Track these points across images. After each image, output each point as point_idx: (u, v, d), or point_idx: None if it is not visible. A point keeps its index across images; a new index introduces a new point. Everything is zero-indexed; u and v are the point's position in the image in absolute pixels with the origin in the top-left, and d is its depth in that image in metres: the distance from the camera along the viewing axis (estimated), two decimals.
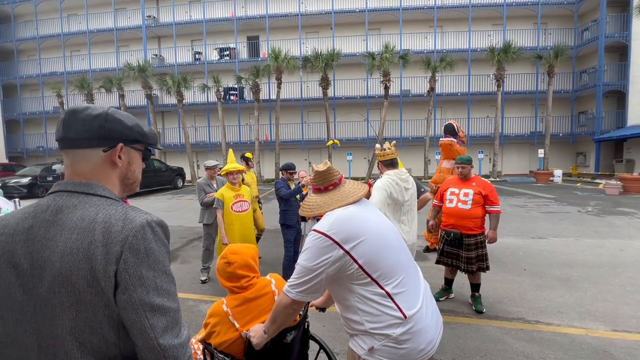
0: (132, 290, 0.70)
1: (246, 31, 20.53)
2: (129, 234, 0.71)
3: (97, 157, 0.80)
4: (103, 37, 20.93)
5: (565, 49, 16.39)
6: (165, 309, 0.74)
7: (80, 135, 0.78)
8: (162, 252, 0.76)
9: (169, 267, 0.78)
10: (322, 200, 1.40)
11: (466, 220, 3.22)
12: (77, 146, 0.79)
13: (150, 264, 0.73)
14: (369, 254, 1.23)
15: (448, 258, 3.37)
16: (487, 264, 3.28)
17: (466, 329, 2.95)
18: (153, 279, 0.73)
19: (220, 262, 1.61)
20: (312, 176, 1.45)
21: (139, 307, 0.70)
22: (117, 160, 0.82)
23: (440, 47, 19.01)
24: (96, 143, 0.79)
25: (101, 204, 0.76)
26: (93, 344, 0.72)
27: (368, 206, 1.41)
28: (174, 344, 0.74)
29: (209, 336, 1.58)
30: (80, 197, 0.76)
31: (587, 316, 3.14)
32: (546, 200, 10.45)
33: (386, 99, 16.81)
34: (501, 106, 17.35)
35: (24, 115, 21.90)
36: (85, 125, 0.78)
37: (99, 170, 0.81)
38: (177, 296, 0.79)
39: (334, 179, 1.43)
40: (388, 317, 1.20)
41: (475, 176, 3.41)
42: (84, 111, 0.79)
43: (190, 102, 19.99)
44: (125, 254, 0.70)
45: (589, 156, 18.14)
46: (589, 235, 6.13)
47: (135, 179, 0.90)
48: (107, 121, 0.79)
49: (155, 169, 15.40)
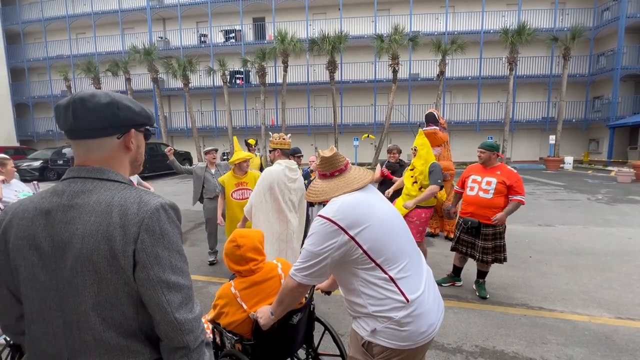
0: (150, 269, 0.75)
1: (252, 12, 20.08)
2: (144, 216, 0.75)
3: (112, 144, 0.82)
4: (108, 19, 20.71)
5: (583, 30, 15.72)
6: (180, 286, 0.79)
7: (94, 126, 0.79)
8: (175, 233, 0.80)
9: (181, 247, 0.82)
10: (328, 186, 1.41)
11: (486, 209, 3.12)
12: (92, 136, 0.80)
13: (165, 244, 0.77)
14: (373, 239, 1.24)
15: (463, 246, 3.32)
16: (504, 255, 3.21)
17: (469, 314, 2.99)
18: (168, 258, 0.77)
19: (229, 246, 1.64)
20: (318, 162, 1.46)
21: (157, 284, 0.75)
22: (131, 145, 0.86)
23: (452, 29, 18.38)
24: (111, 132, 0.81)
25: (115, 189, 0.79)
26: (114, 319, 0.76)
27: (373, 192, 1.42)
28: (189, 318, 0.79)
29: (218, 316, 1.63)
30: (95, 182, 0.79)
31: (591, 303, 3.15)
32: (555, 187, 10.31)
33: (394, 83, 16.47)
34: (513, 90, 16.89)
35: (33, 99, 22.07)
36: (99, 114, 0.78)
37: (114, 156, 0.83)
38: (190, 275, 0.84)
39: (340, 165, 1.43)
40: (391, 300, 1.23)
41: (501, 164, 3.24)
42: (91, 99, 0.78)
43: (196, 86, 19.87)
44: (142, 235, 0.74)
45: (602, 143, 17.69)
46: (597, 223, 6.06)
47: (142, 160, 0.94)
48: (120, 109, 0.80)
49: (163, 154, 15.51)
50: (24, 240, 0.77)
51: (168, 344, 0.79)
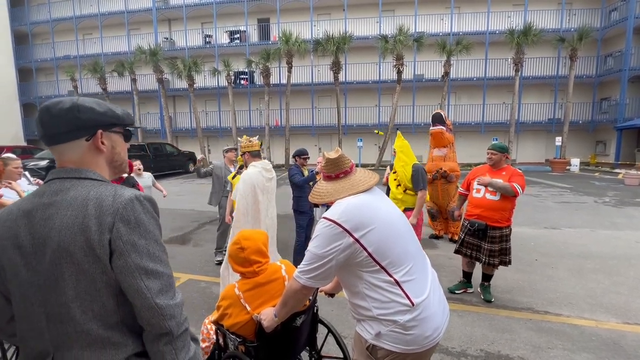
0: (127, 256, 0.76)
1: (257, 13, 20.15)
2: (119, 206, 0.77)
3: (82, 146, 0.85)
4: (114, 20, 20.90)
5: (590, 30, 15.55)
6: (159, 273, 0.79)
7: (59, 130, 0.82)
8: (151, 223, 0.82)
9: (159, 237, 0.83)
10: (333, 188, 1.40)
11: (493, 211, 3.09)
12: (61, 141, 0.83)
13: (141, 232, 0.79)
14: (378, 242, 1.23)
15: (468, 249, 3.27)
16: (509, 257, 3.17)
17: (474, 317, 2.96)
18: (145, 246, 0.79)
19: (233, 248, 1.64)
20: (324, 163, 1.45)
21: (134, 270, 0.76)
22: (101, 146, 0.87)
23: (457, 30, 18.28)
24: (77, 134, 0.84)
25: (92, 185, 0.82)
26: (94, 311, 0.78)
27: (378, 195, 1.41)
28: (169, 303, 0.79)
29: (222, 318, 1.63)
30: (72, 181, 0.82)
31: (598, 308, 3.11)
32: (561, 189, 10.21)
33: (399, 84, 16.42)
34: (518, 92, 16.75)
35: (40, 99, 22.31)
36: (61, 120, 0.81)
37: (87, 157, 0.86)
38: (169, 264, 0.85)
39: (345, 166, 1.42)
40: (396, 304, 1.22)
41: (507, 166, 3.21)
42: (55, 106, 0.82)
43: (201, 86, 19.96)
44: (117, 224, 0.76)
45: (609, 145, 17.48)
46: (604, 226, 5.99)
47: (122, 160, 0.95)
48: (80, 112, 0.83)
49: (168, 154, 15.62)
50: (7, 240, 0.79)
51: (151, 331, 0.79)
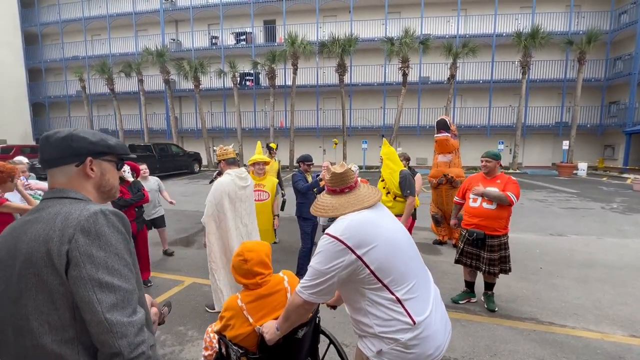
0: (82, 267, 0.76)
1: (263, 15, 20.24)
2: (81, 218, 0.80)
3: (71, 171, 0.92)
4: (122, 21, 21.15)
5: (599, 33, 15.38)
6: (115, 287, 0.78)
7: (53, 156, 0.91)
8: (115, 236, 0.82)
9: (123, 251, 0.83)
10: (337, 202, 1.40)
11: (491, 220, 3.09)
12: (53, 165, 0.92)
13: (101, 245, 0.79)
14: (380, 259, 1.23)
15: (468, 258, 3.26)
16: (509, 265, 3.16)
17: (477, 327, 2.94)
18: (104, 259, 0.78)
19: (236, 260, 1.65)
20: (329, 177, 1.45)
21: (88, 282, 0.76)
22: (90, 172, 0.93)
23: (464, 32, 18.19)
24: (68, 160, 0.91)
25: (69, 203, 0.86)
26: (50, 324, 0.77)
27: (382, 211, 1.41)
28: (122, 321, 0.76)
29: (224, 329, 1.64)
30: (53, 200, 0.88)
31: (604, 319, 3.07)
32: (568, 195, 10.09)
33: (404, 86, 16.38)
34: (525, 95, 16.62)
35: (49, 98, 22.67)
36: (56, 147, 0.90)
37: (74, 181, 0.92)
38: (132, 280, 0.83)
39: (350, 181, 1.42)
40: (397, 322, 1.22)
41: (501, 174, 3.23)
42: (53, 135, 0.91)
43: (207, 87, 20.10)
44: (77, 235, 0.78)
45: (617, 149, 17.25)
46: (612, 234, 5.91)
47: (111, 187, 1.00)
48: (73, 140, 0.91)
49: (173, 154, 15.75)
50: None
51: (102, 351, 0.77)
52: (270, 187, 3.80)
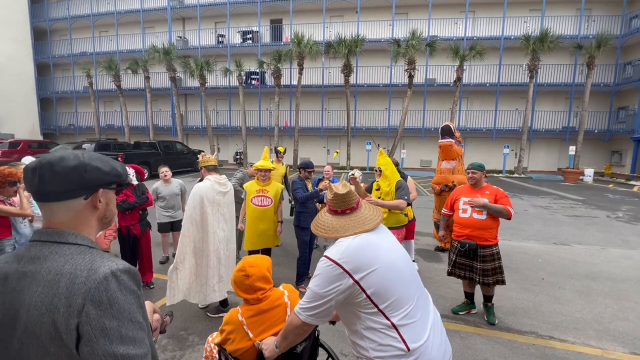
0: (95, 342, 0.69)
1: (270, 14, 20.25)
2: (91, 286, 0.71)
3: (78, 205, 0.80)
4: (130, 18, 21.28)
5: (609, 38, 15.17)
6: (130, 356, 0.73)
7: (60, 188, 0.77)
8: (128, 300, 0.75)
9: (136, 313, 0.77)
10: (338, 224, 1.40)
11: (482, 230, 3.11)
12: (57, 199, 0.78)
13: (114, 313, 0.72)
14: (377, 284, 1.24)
15: (461, 270, 3.26)
16: (503, 277, 3.16)
17: (476, 340, 2.95)
18: (117, 329, 0.72)
19: (238, 275, 1.67)
20: (331, 197, 1.44)
21: (102, 358, 0.70)
22: (98, 204, 0.84)
23: (471, 34, 18.06)
24: (77, 193, 0.79)
25: (70, 254, 0.76)
26: None
27: (382, 233, 1.41)
28: None
29: (225, 342, 1.67)
30: (52, 246, 0.76)
31: (605, 335, 3.05)
32: (573, 202, 10.00)
33: (410, 88, 16.31)
34: (532, 99, 16.47)
35: (57, 94, 22.91)
36: (64, 178, 0.77)
37: (80, 217, 0.81)
38: (145, 340, 0.78)
39: (352, 203, 1.42)
40: (392, 347, 1.22)
41: (487, 184, 3.26)
42: (59, 163, 0.77)
43: (213, 85, 20.18)
44: (87, 306, 0.70)
45: (625, 155, 17.05)
46: (616, 244, 5.86)
47: (113, 215, 0.92)
48: (87, 171, 0.79)
49: (178, 152, 15.85)
50: None
51: None
52: (273, 193, 3.81)
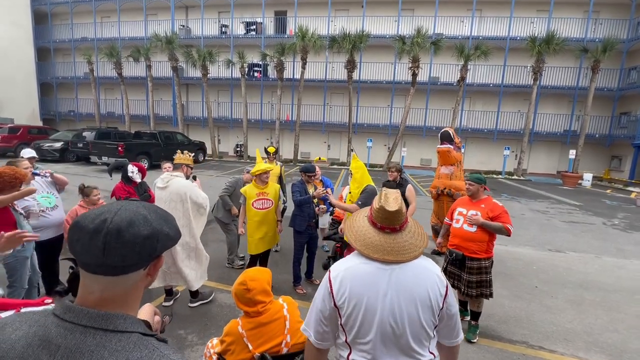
0: None
1: (274, 5, 19.99)
2: None
3: (137, 277, 0.69)
4: (132, 5, 20.97)
5: (616, 42, 15.06)
6: None
7: (127, 262, 0.65)
8: None
9: None
10: (371, 239, 1.25)
11: (470, 242, 3.13)
12: (121, 273, 0.66)
13: None
14: (352, 320, 1.20)
15: (450, 278, 3.29)
16: (490, 290, 3.16)
17: (467, 348, 3.02)
18: None
19: (239, 288, 1.71)
20: (377, 207, 1.25)
21: None
22: (154, 273, 0.73)
23: (477, 33, 17.90)
24: (143, 265, 0.68)
25: (123, 349, 0.62)
26: None
27: (401, 274, 1.21)
28: None
29: (225, 352, 1.72)
30: (98, 336, 0.62)
31: (594, 347, 3.13)
32: (570, 207, 10.07)
33: (413, 86, 16.24)
34: (535, 101, 16.42)
35: (57, 79, 22.71)
36: (136, 249, 0.65)
37: (135, 290, 0.71)
38: None
39: (397, 224, 1.24)
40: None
41: (487, 198, 3.27)
42: (129, 230, 0.64)
43: (215, 76, 20.02)
44: None
45: (624, 161, 17.10)
46: (610, 253, 5.94)
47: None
48: (159, 241, 0.68)
49: (178, 142, 15.81)
50: None
51: None
52: (273, 194, 3.84)
